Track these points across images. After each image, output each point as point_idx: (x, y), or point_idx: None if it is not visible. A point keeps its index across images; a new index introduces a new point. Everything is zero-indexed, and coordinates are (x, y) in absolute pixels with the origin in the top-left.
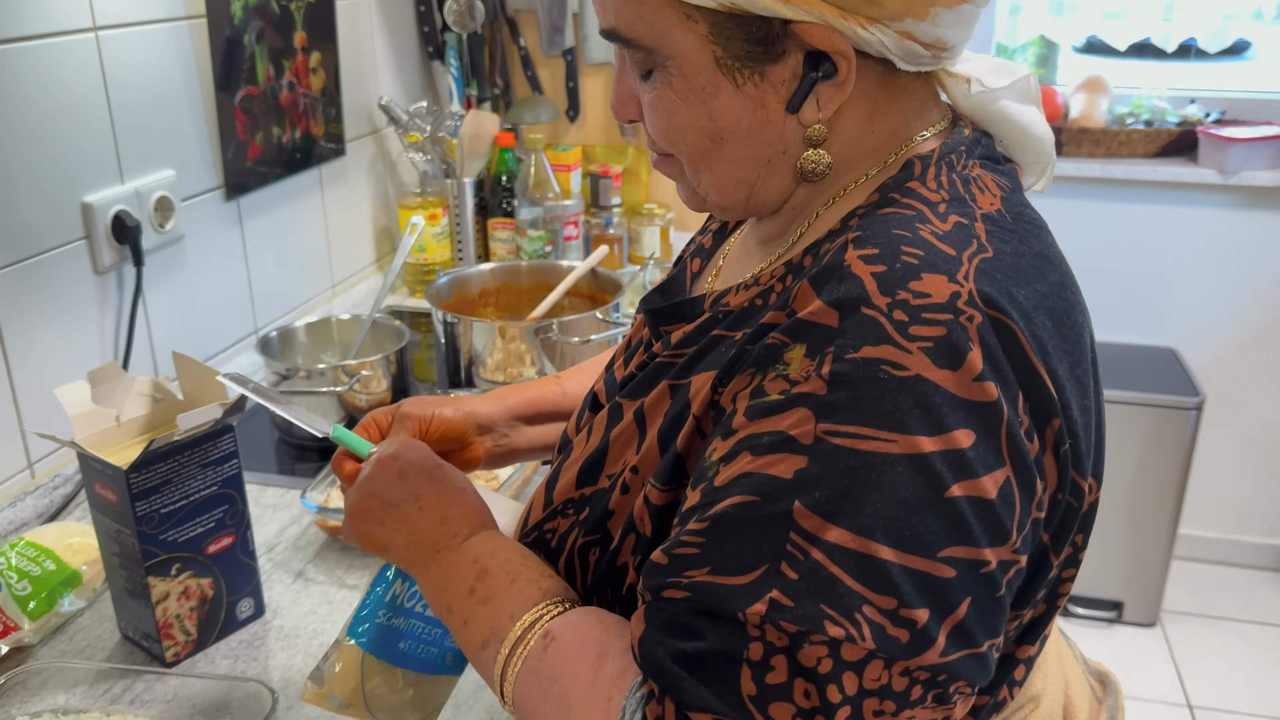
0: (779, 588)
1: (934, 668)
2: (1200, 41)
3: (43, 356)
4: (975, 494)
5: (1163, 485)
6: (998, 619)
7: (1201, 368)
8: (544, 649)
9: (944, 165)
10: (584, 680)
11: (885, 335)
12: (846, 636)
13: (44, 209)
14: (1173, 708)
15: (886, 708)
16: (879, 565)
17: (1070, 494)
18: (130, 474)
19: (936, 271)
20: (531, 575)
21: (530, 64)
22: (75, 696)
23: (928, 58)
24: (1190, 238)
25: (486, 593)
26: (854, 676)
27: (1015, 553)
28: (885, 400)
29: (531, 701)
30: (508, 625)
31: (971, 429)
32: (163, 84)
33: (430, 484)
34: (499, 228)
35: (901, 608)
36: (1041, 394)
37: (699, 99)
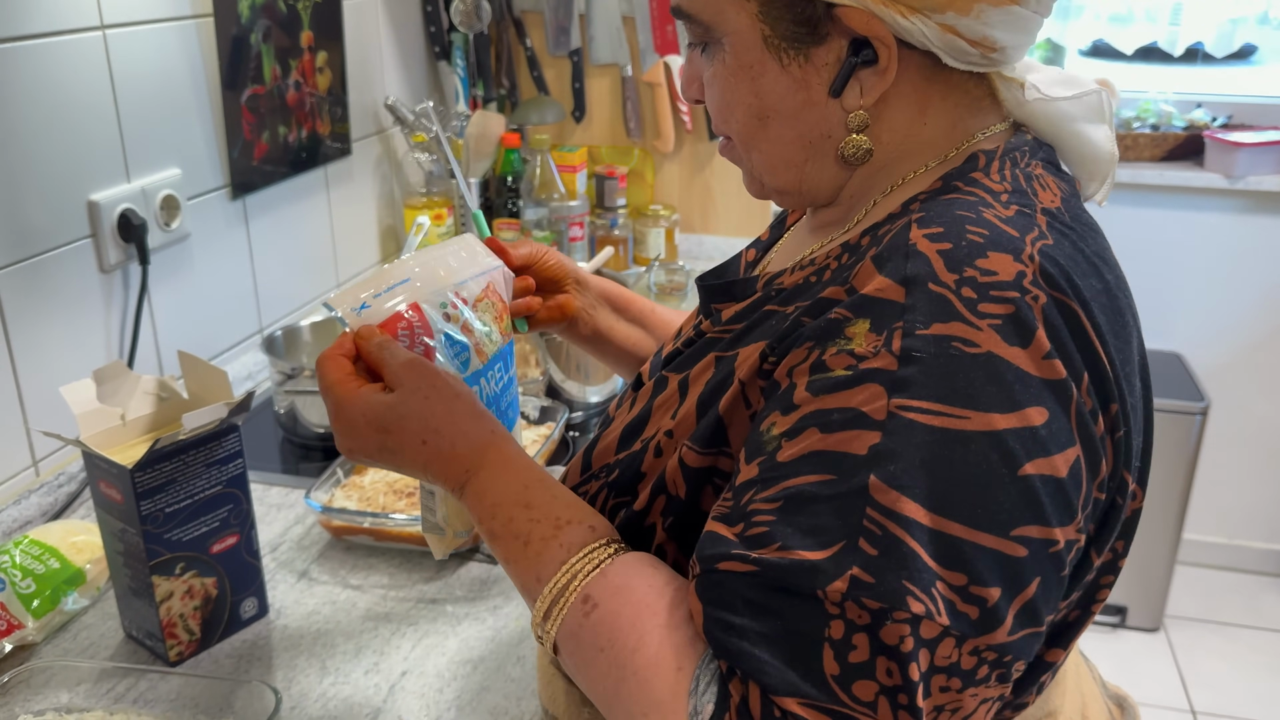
0: (859, 564)
1: (1001, 647)
2: (1207, 46)
3: (48, 355)
4: (1048, 472)
5: (1167, 490)
6: (1059, 597)
7: (1207, 372)
8: (585, 615)
9: (1008, 160)
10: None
11: (955, 312)
12: (926, 613)
13: (50, 207)
14: (1176, 713)
15: (953, 684)
16: (951, 541)
17: (1117, 487)
18: (135, 473)
19: (1002, 250)
20: (544, 533)
21: (536, 64)
22: (78, 695)
23: (976, 56)
24: (1196, 242)
25: (504, 554)
26: (928, 654)
27: (1080, 531)
28: (958, 376)
29: (576, 661)
30: (536, 588)
31: (1044, 406)
32: (169, 83)
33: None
34: (504, 228)
35: (972, 584)
36: (1103, 377)
37: (747, 76)
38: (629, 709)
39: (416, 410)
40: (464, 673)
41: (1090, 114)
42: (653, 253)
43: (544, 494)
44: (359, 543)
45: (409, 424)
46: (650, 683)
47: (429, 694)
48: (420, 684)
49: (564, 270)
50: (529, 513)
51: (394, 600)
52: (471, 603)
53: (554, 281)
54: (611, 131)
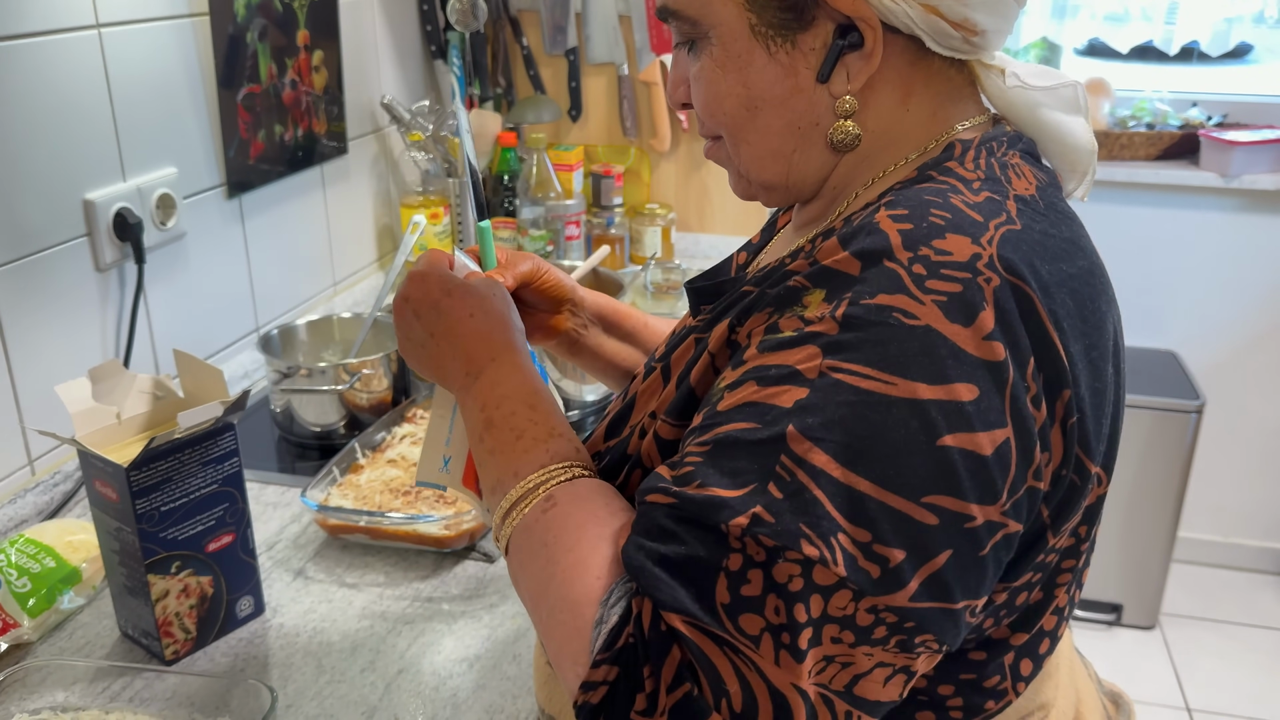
0: (763, 504)
1: (901, 611)
2: (1202, 45)
3: (44, 354)
4: (969, 447)
5: (1163, 488)
6: (978, 580)
7: (1202, 371)
8: (543, 512)
9: (984, 150)
10: (575, 552)
11: (902, 285)
12: (820, 558)
13: (46, 206)
14: (1172, 711)
15: (845, 638)
16: (859, 497)
17: (1075, 471)
18: (130, 472)
19: (961, 233)
20: (538, 434)
21: (533, 63)
22: (74, 694)
23: (958, 40)
24: (1191, 241)
25: (491, 445)
26: (820, 600)
27: (1004, 515)
28: (892, 345)
29: (520, 556)
30: (511, 482)
31: (975, 384)
32: (165, 81)
33: (437, 318)
34: (501, 227)
35: (875, 543)
36: (1055, 364)
37: (735, 66)
38: (550, 604)
39: (478, 295)
40: (460, 671)
41: (1066, 106)
42: (649, 251)
43: (547, 404)
44: (355, 541)
45: (467, 298)
46: (571, 582)
47: (425, 692)
48: (416, 682)
49: (562, 290)
50: (531, 413)
51: (390, 599)
52: (468, 601)
53: (552, 300)
54: (608, 130)
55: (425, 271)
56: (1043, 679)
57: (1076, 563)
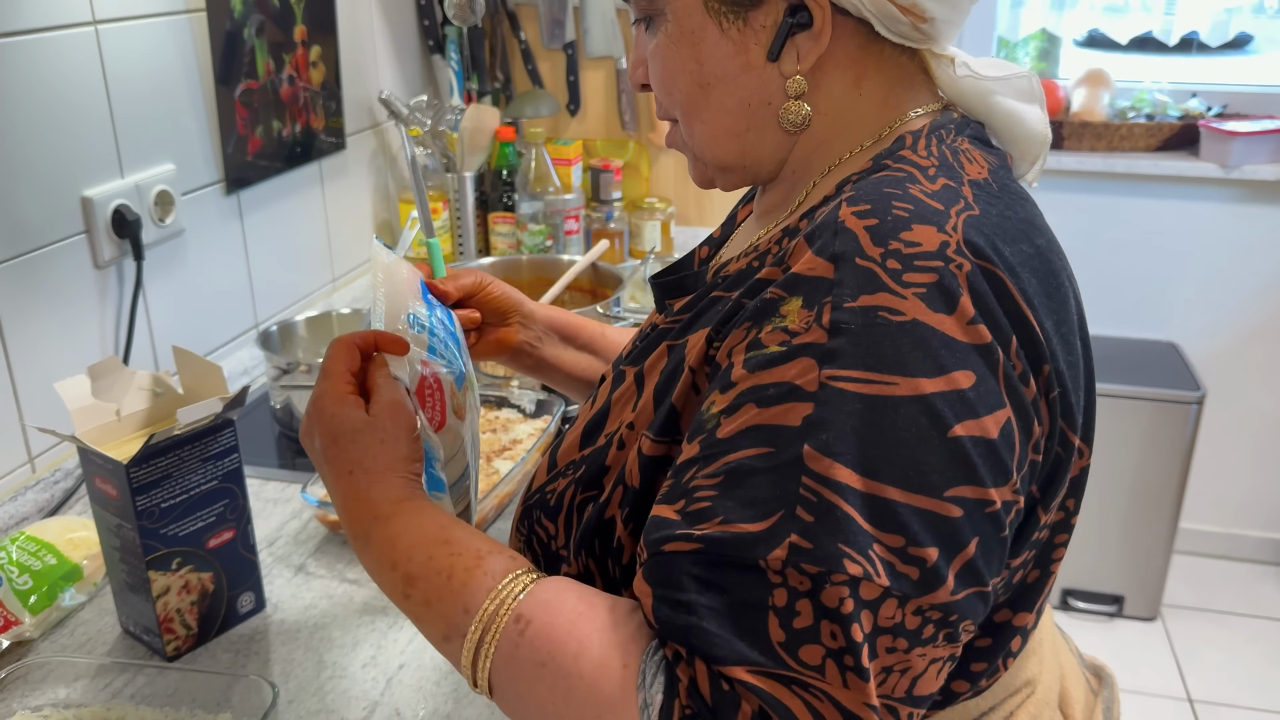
0: (796, 531)
1: (945, 606)
2: (1202, 35)
3: (43, 351)
4: (978, 433)
5: (1163, 479)
6: (1002, 558)
7: (1202, 362)
8: (520, 634)
9: (934, 138)
10: (588, 655)
11: (880, 283)
12: (864, 574)
13: (44, 203)
14: (1173, 702)
15: (899, 645)
16: (885, 504)
17: (1060, 444)
18: (130, 468)
19: (926, 223)
20: (468, 564)
21: (531, 58)
22: (76, 691)
23: (907, 25)
24: (1192, 232)
25: (425, 597)
26: (870, 615)
27: (1016, 492)
28: (885, 344)
29: (518, 688)
30: (464, 620)
31: (971, 370)
32: (162, 78)
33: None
34: (499, 222)
35: (910, 546)
36: (1033, 339)
37: (689, 42)
38: (581, 716)
39: (366, 443)
40: None
41: (1021, 95)
42: (648, 245)
43: (462, 531)
44: None
45: (351, 450)
46: (599, 684)
47: (426, 687)
48: (417, 677)
49: (509, 302)
50: (449, 548)
51: None
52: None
53: (499, 314)
54: (606, 124)
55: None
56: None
57: (1068, 537)
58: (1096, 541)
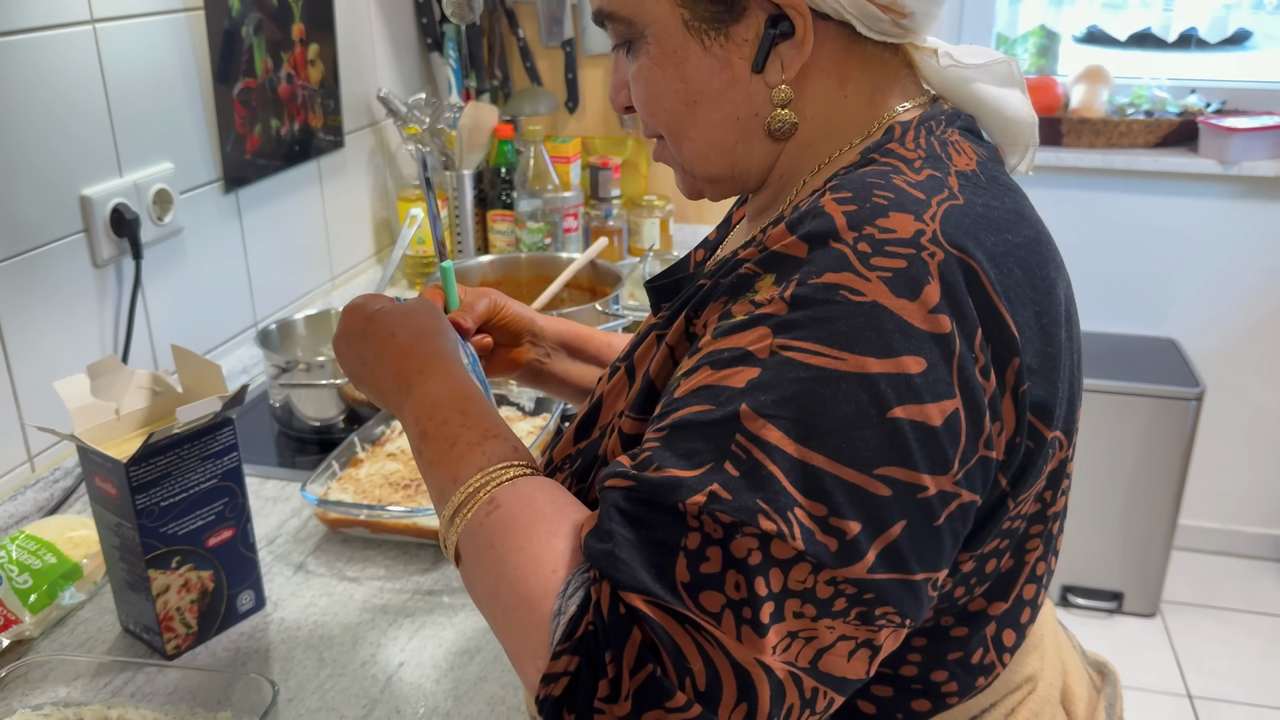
0: (720, 481)
1: (860, 583)
2: (1201, 31)
3: (42, 350)
4: (918, 419)
5: (1163, 475)
6: (935, 552)
7: (1202, 358)
8: (487, 515)
9: (923, 130)
10: (527, 550)
11: (848, 264)
12: (778, 532)
13: (42, 202)
14: (1173, 698)
15: (807, 611)
16: (813, 471)
17: (1029, 438)
18: (130, 467)
19: (904, 211)
20: (472, 439)
21: (529, 55)
22: (76, 689)
23: (888, 23)
24: (1191, 228)
25: (430, 457)
26: (780, 574)
27: (957, 485)
28: (840, 321)
29: (469, 561)
30: (451, 489)
31: (923, 357)
32: (161, 77)
33: (364, 343)
34: (498, 220)
35: (832, 516)
36: (1003, 333)
37: (672, 63)
38: (504, 604)
39: (400, 313)
40: (461, 663)
41: (1001, 81)
42: (647, 243)
43: (479, 407)
44: (355, 535)
45: (389, 319)
46: (526, 579)
47: (426, 685)
48: (417, 675)
49: (521, 323)
50: (463, 419)
51: (391, 592)
52: (468, 594)
53: (512, 334)
54: (605, 122)
55: (354, 304)
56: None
57: (1045, 528)
58: (1096, 538)
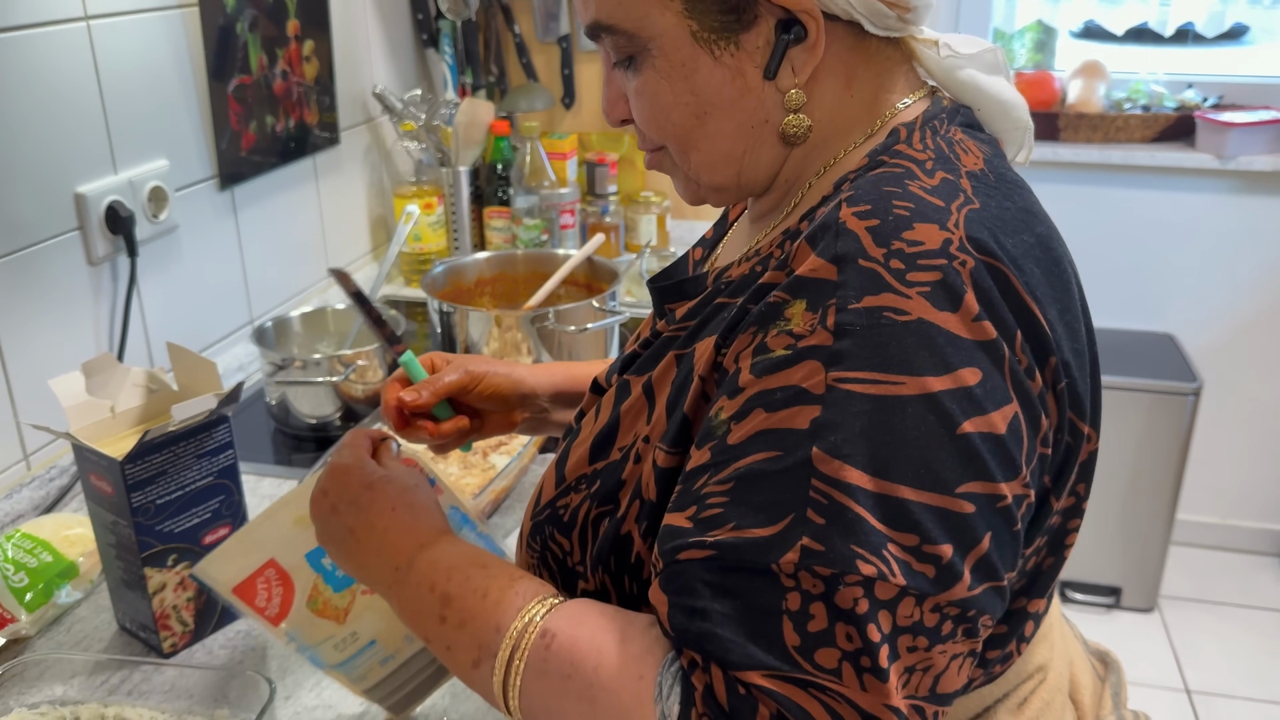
0: (808, 534)
1: (963, 602)
2: (1198, 26)
3: (37, 348)
4: (986, 430)
5: (1161, 470)
6: (1015, 552)
7: (1200, 353)
8: (546, 648)
9: (928, 129)
10: (606, 667)
11: (884, 284)
12: (879, 574)
13: (37, 200)
14: (1171, 692)
15: (920, 643)
16: (898, 504)
17: (1069, 434)
18: (125, 465)
19: (928, 221)
20: (501, 584)
21: (525, 51)
22: (73, 688)
23: (893, 18)
24: (1188, 223)
25: (460, 617)
26: (888, 615)
27: (1026, 486)
28: (891, 345)
29: (547, 703)
30: (496, 639)
31: (977, 367)
32: (155, 73)
33: (359, 513)
34: (495, 216)
35: (924, 544)
36: (1038, 333)
37: (681, 75)
38: None
39: (399, 487)
40: None
41: (989, 69)
42: (644, 239)
43: (496, 560)
44: None
45: (389, 490)
46: (618, 695)
47: None
48: None
49: (507, 389)
50: (485, 571)
51: None
52: None
53: (501, 400)
54: (601, 118)
55: (346, 464)
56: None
57: (1079, 522)
58: (1094, 533)
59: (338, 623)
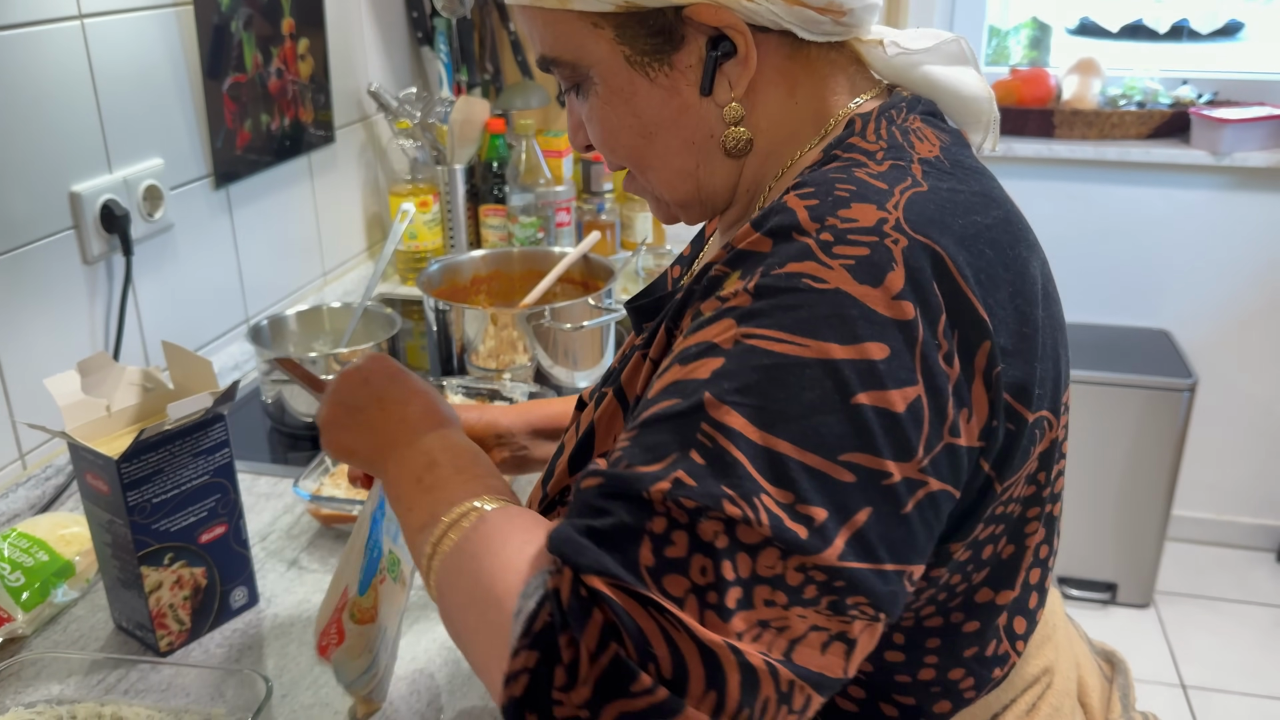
0: (685, 469)
1: (830, 570)
2: (1192, 22)
3: (32, 347)
4: (882, 405)
5: (1156, 467)
6: (905, 542)
7: (1194, 349)
8: (474, 529)
9: (884, 120)
10: (502, 557)
11: (810, 254)
12: (743, 518)
13: (31, 199)
14: (1167, 688)
15: (778, 598)
16: (779, 458)
17: (1008, 421)
18: (121, 464)
19: (866, 201)
20: (479, 472)
21: (520, 49)
22: (70, 687)
23: (828, 24)
24: (1183, 219)
25: (432, 482)
26: (748, 559)
27: (923, 472)
28: (803, 309)
29: (451, 577)
30: (445, 509)
31: (886, 344)
32: (150, 72)
33: (392, 385)
34: (490, 214)
35: (799, 503)
36: (971, 317)
37: (621, 99)
38: (481, 609)
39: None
40: (455, 657)
41: (951, 60)
42: (640, 237)
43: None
44: (348, 531)
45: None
46: (496, 582)
47: (419, 679)
48: (411, 669)
49: (480, 430)
50: (475, 460)
51: None
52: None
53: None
54: None
55: (384, 357)
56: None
57: (1043, 510)
58: (1089, 529)
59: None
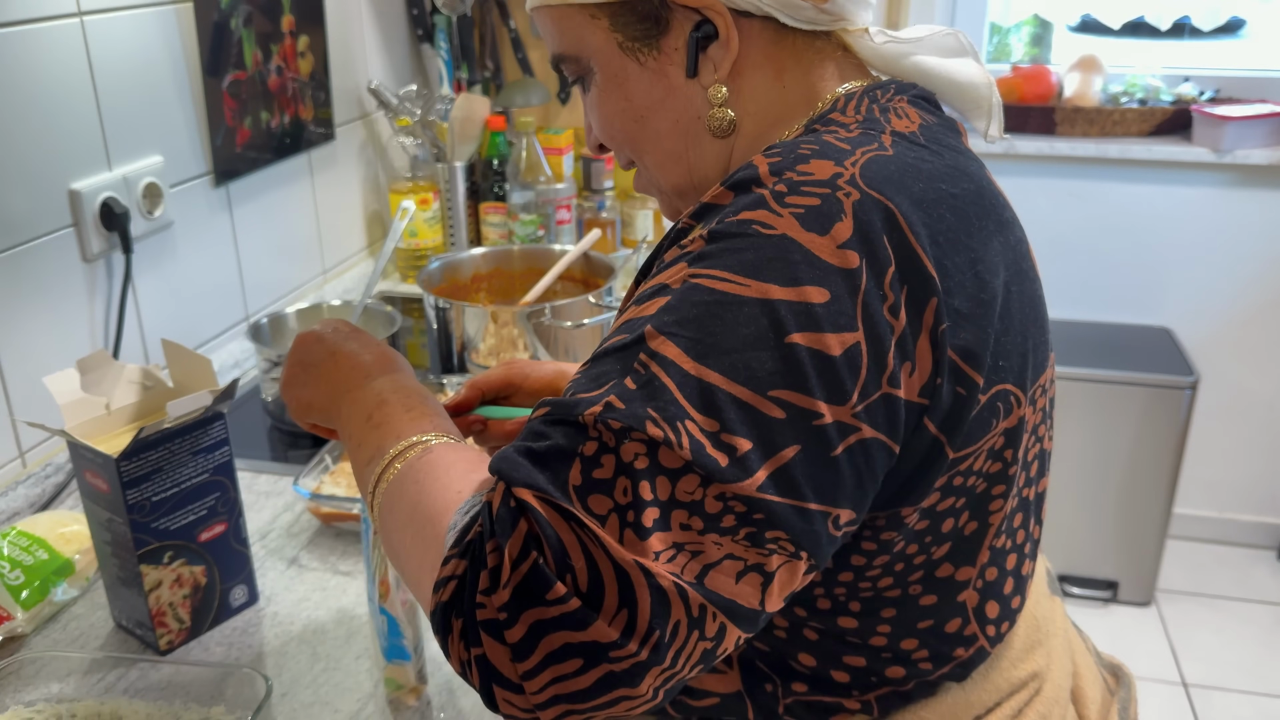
0: (616, 393)
1: (750, 501)
2: (1194, 20)
3: (32, 345)
4: (816, 346)
5: (1157, 464)
6: (833, 484)
7: (1196, 347)
8: (419, 459)
9: (866, 98)
10: (442, 481)
11: (763, 203)
12: (665, 440)
13: (31, 197)
14: (1168, 686)
15: (694, 524)
16: (707, 388)
17: (957, 383)
18: (120, 462)
19: (825, 158)
20: (428, 410)
21: (521, 46)
22: (69, 685)
23: (811, 12)
24: (1184, 217)
25: (381, 419)
26: (667, 482)
27: (856, 418)
28: (748, 252)
29: (392, 500)
30: (392, 442)
31: (827, 289)
32: (149, 70)
33: (346, 340)
34: (491, 212)
35: (723, 432)
36: (920, 275)
37: (615, 85)
38: (419, 525)
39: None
40: None
41: (946, 51)
42: (640, 234)
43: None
44: (348, 529)
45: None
46: (435, 501)
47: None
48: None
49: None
50: (425, 402)
51: None
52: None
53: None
54: None
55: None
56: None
57: (1012, 489)
58: (1090, 527)
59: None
